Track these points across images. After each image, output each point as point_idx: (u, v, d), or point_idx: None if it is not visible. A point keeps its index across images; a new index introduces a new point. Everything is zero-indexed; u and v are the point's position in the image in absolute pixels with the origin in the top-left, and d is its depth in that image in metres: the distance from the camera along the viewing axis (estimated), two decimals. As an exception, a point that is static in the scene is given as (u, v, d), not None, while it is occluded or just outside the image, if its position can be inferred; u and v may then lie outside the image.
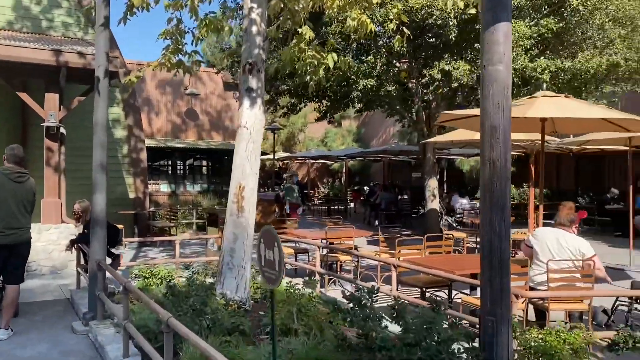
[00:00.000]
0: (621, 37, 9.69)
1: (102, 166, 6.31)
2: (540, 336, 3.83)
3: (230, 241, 6.36)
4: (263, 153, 28.75)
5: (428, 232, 13.76)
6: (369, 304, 3.74)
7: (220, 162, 22.62)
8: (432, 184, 13.77)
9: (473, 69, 10.32)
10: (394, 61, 12.16)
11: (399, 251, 6.93)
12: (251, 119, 6.40)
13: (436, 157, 14.50)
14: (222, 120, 22.59)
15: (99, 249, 6.12)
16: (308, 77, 6.76)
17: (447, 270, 5.48)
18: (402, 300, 5.03)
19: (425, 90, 12.88)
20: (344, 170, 32.70)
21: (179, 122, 21.64)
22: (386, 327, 3.86)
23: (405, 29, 6.38)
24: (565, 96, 6.48)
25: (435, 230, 13.89)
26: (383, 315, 3.81)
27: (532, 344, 3.76)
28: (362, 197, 21.93)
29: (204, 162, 22.63)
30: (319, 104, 14.31)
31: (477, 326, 3.69)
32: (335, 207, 23.52)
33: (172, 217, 13.78)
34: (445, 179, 23.43)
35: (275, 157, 26.53)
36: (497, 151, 3.47)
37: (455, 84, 10.50)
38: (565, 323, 5.57)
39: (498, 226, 3.47)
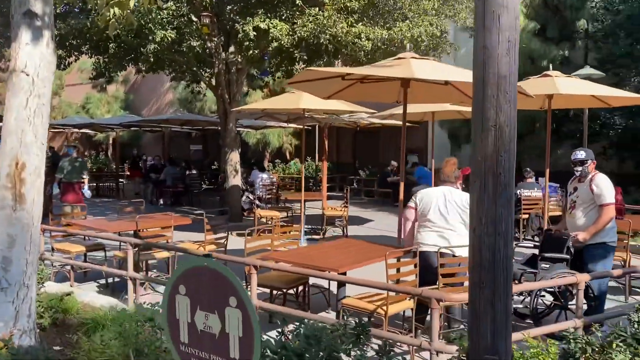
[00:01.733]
0: (434, 10, 9.61)
1: None
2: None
3: (2, 247, 4.15)
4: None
5: (231, 212, 12.47)
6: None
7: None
8: (234, 157, 12.41)
9: (290, 31, 9.18)
10: (192, 15, 10.34)
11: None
12: (34, 60, 4.21)
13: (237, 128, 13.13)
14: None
15: None
16: (112, 11, 4.71)
17: (331, 268, 4.31)
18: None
19: (228, 51, 11.36)
20: (110, 142, 29.05)
21: None
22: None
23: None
24: (434, 59, 5.84)
25: (238, 208, 12.65)
26: None
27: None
28: (141, 173, 19.30)
29: None
30: (97, 58, 11.59)
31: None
32: (105, 184, 20.35)
33: None
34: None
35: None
36: (507, 112, 2.35)
37: (275, 44, 9.24)
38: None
39: (504, 224, 2.38)
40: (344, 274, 4.80)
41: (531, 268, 5.44)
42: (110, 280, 6.79)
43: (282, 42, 9.20)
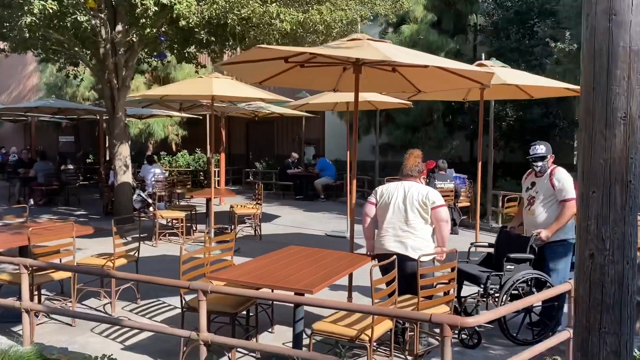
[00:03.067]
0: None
1: None
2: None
3: None
4: None
5: (121, 212, 11.02)
6: None
7: None
8: (124, 151, 10.96)
9: (203, 7, 8.08)
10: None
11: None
12: None
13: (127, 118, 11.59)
14: None
15: None
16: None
17: (302, 289, 3.56)
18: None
19: (115, 30, 9.93)
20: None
21: None
22: None
23: None
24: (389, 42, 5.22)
25: (129, 208, 11.24)
26: None
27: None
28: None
29: None
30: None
31: None
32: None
33: None
34: (108, 144, 20.11)
35: None
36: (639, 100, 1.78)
37: (183, 22, 8.06)
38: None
39: (633, 249, 1.81)
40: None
41: (488, 269, 5.11)
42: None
43: (190, 21, 8.09)
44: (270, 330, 5.12)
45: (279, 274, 3.96)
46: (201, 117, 18.58)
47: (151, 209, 12.33)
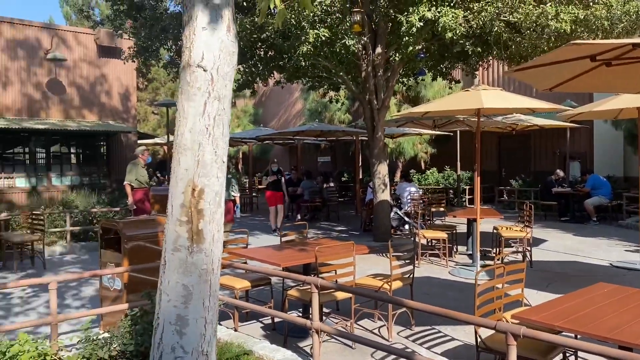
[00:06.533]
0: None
1: None
2: None
3: (176, 301, 3.11)
4: (146, 136, 24.14)
5: (380, 230, 11.20)
6: None
7: (94, 148, 18.22)
8: (382, 170, 11.12)
9: (468, 16, 7.67)
10: (344, 8, 9.12)
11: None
12: (212, 49, 3.13)
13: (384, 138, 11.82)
14: (97, 95, 18.12)
15: None
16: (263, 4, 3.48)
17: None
18: None
19: (375, 52, 10.12)
20: (239, 156, 29.34)
21: (39, 96, 16.86)
22: None
23: None
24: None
25: (387, 226, 11.34)
26: None
27: None
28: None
29: (74, 149, 18.05)
30: (240, 67, 10.87)
31: None
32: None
33: (36, 225, 9.76)
34: (361, 163, 21.04)
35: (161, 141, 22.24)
36: None
37: (449, 35, 7.77)
38: None
39: None
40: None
41: None
42: (276, 319, 5.73)
43: (456, 32, 7.72)
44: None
45: (606, 321, 3.20)
46: (451, 134, 18.14)
47: (407, 227, 12.31)
